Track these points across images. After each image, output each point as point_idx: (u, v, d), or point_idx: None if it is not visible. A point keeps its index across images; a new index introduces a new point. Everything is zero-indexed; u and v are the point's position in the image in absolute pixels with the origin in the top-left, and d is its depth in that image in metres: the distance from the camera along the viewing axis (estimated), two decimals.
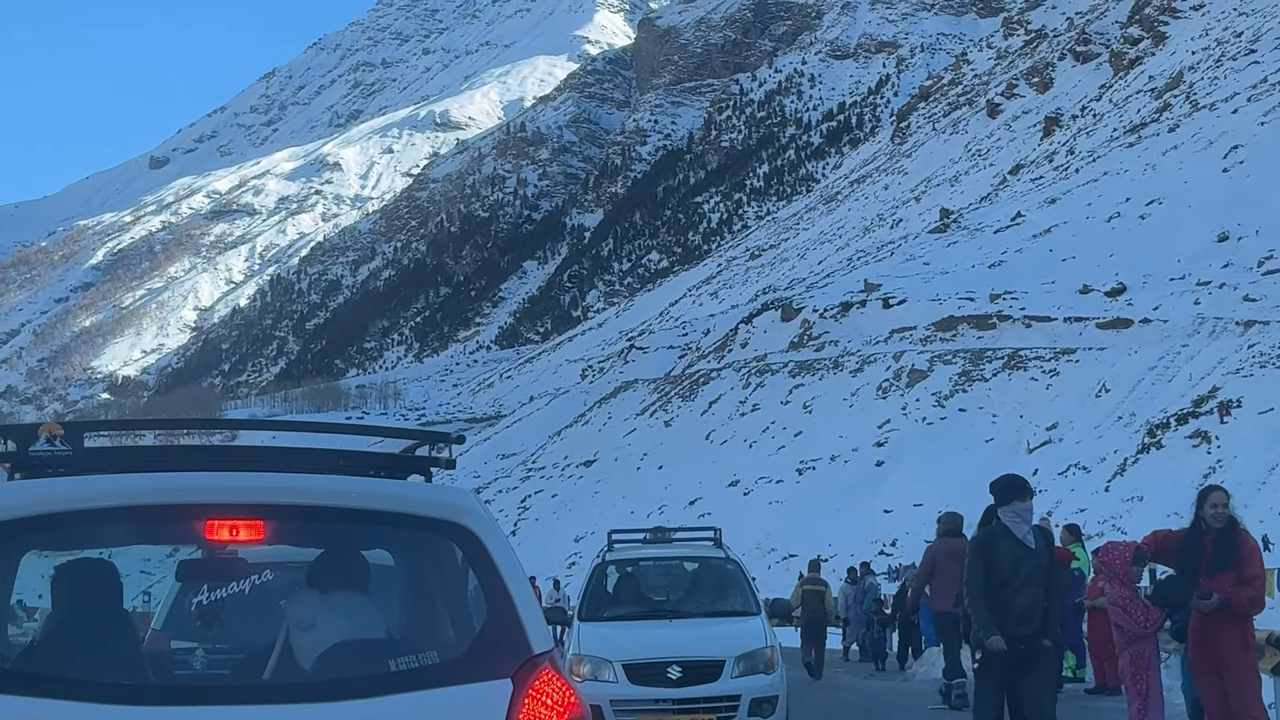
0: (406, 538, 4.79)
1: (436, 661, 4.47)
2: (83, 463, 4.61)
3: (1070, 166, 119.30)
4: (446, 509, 4.63)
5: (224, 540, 4.63)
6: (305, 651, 4.53)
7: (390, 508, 4.62)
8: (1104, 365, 69.49)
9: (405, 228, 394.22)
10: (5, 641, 4.44)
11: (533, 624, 4.51)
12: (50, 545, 4.65)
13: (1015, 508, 9.89)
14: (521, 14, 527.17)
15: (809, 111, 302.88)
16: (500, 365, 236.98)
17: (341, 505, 4.57)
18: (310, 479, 4.65)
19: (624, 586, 14.12)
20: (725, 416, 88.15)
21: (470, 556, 4.59)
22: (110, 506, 4.41)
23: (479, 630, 4.54)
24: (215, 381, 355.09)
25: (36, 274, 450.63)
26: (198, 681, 4.86)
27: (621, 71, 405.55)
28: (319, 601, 4.65)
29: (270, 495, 4.54)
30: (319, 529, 4.71)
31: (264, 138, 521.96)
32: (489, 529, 4.63)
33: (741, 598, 13.61)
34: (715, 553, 14.30)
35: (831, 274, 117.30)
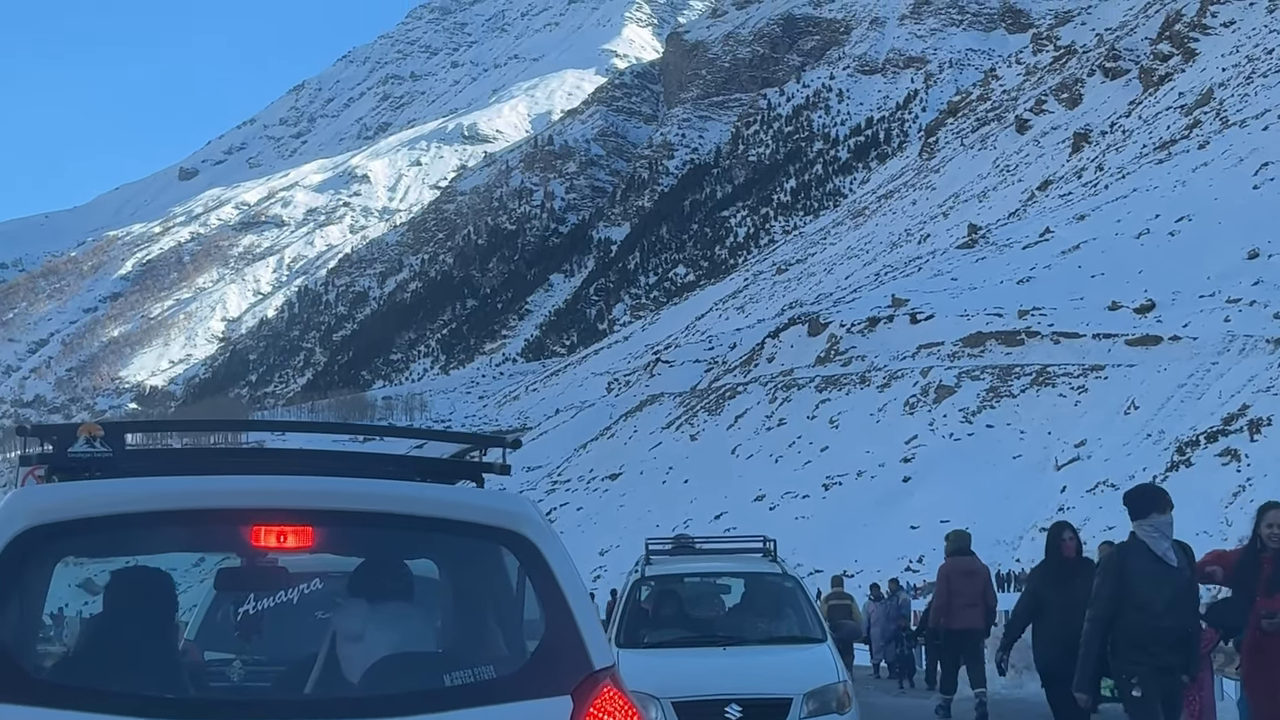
0: (460, 546, 4.60)
1: (493, 677, 4.27)
2: (123, 465, 4.44)
3: (1099, 183, 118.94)
4: (505, 516, 4.44)
5: (271, 547, 4.43)
6: (352, 665, 4.33)
7: (448, 514, 4.43)
8: (1133, 382, 69.18)
9: (432, 240, 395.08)
10: (38, 651, 4.28)
11: (593, 638, 4.31)
12: (86, 552, 4.47)
13: (1154, 521, 8.86)
14: (550, 28, 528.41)
15: (837, 126, 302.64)
16: (526, 378, 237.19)
17: (397, 511, 4.38)
18: (364, 483, 4.46)
19: (665, 607, 12.38)
20: (751, 431, 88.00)
21: (528, 566, 4.40)
22: (152, 510, 4.23)
23: (537, 645, 4.35)
24: (242, 392, 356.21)
25: (66, 284, 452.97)
26: (237, 695, 4.65)
27: (649, 85, 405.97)
28: (367, 612, 4.44)
29: (322, 500, 4.34)
30: (371, 536, 4.51)
31: (293, 150, 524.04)
32: (547, 538, 4.43)
33: (803, 621, 11.98)
34: (770, 567, 12.58)
35: (859, 289, 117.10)
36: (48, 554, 4.24)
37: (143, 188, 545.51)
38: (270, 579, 4.72)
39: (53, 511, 4.16)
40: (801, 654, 11.35)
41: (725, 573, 13.39)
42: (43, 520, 4.12)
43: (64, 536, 4.20)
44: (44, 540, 4.14)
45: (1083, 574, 10.75)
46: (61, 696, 3.93)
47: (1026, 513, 61.61)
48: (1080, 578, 10.70)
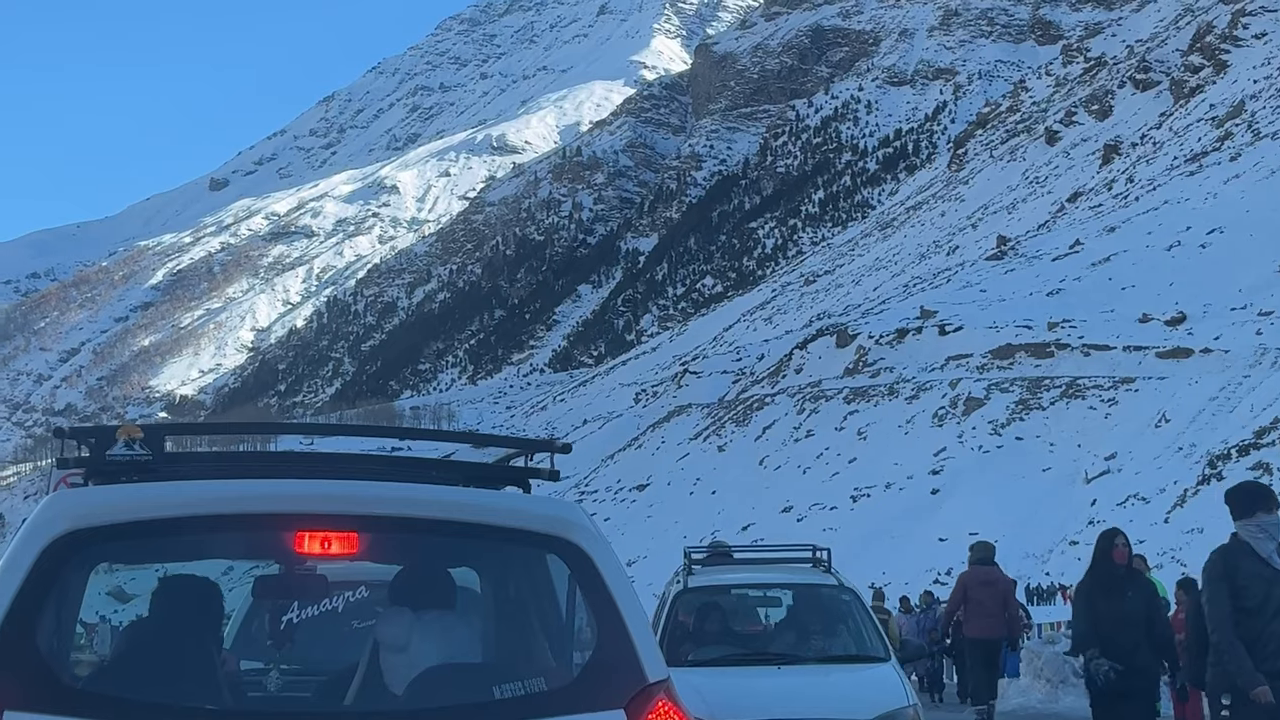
0: (509, 554, 4.48)
1: (544, 689, 4.15)
2: (162, 468, 4.35)
3: (1130, 195, 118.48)
4: (556, 523, 4.30)
5: (315, 553, 4.29)
6: (396, 676, 4.20)
7: (499, 521, 4.30)
8: (1164, 395, 68.79)
9: (461, 250, 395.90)
10: (73, 659, 4.19)
11: (647, 650, 4.17)
12: (124, 558, 4.37)
13: (1261, 521, 8.25)
14: (579, 39, 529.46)
15: (865, 138, 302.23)
16: (554, 388, 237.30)
17: (447, 518, 4.26)
18: (413, 488, 4.34)
19: (710, 621, 11.31)
20: (779, 442, 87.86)
21: (579, 575, 4.26)
22: (194, 515, 4.12)
23: (589, 656, 4.22)
24: (271, 401, 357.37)
25: (97, 293, 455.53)
26: (276, 706, 4.54)
27: (678, 97, 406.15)
28: (411, 621, 4.32)
29: (369, 505, 4.20)
30: (418, 542, 4.37)
31: (322, 160, 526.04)
32: (599, 546, 4.28)
33: (865, 638, 10.93)
34: (824, 578, 11.55)
35: (887, 300, 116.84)
36: (85, 559, 4.13)
37: (174, 198, 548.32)
38: (309, 587, 4.62)
39: (91, 515, 4.04)
40: (865, 674, 10.46)
41: (776, 584, 12.28)
42: (81, 524, 3.99)
43: (102, 541, 4.08)
44: (82, 545, 4.02)
45: (1134, 584, 10.45)
46: (98, 707, 3.81)
47: (1056, 526, 61.31)
48: (1132, 587, 10.45)
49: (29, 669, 3.81)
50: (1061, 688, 16.81)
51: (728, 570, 12.74)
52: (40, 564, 3.90)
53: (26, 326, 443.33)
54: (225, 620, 6.29)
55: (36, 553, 3.92)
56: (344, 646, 4.60)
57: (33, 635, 3.85)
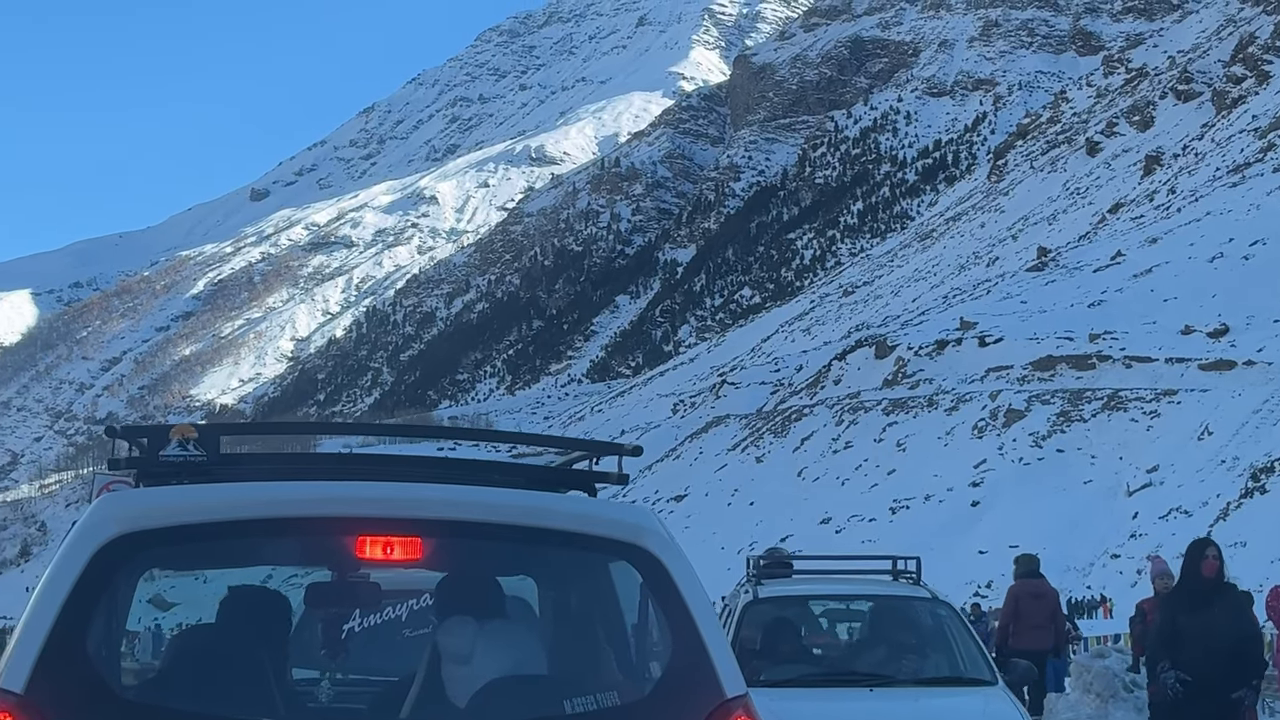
0: (578, 561, 4.28)
1: (617, 704, 3.94)
2: (217, 469, 4.19)
3: (1171, 206, 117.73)
4: (629, 529, 4.09)
5: (377, 559, 4.11)
6: (457, 687, 4.00)
7: (571, 527, 4.10)
8: (1206, 407, 68.23)
9: (499, 261, 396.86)
10: (133, 670, 4.09)
11: (724, 663, 3.94)
12: (176, 563, 4.21)
13: None
14: (618, 51, 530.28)
15: (904, 149, 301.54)
16: (591, 399, 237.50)
17: (517, 523, 4.05)
18: (483, 492, 4.15)
19: (783, 636, 10.17)
20: (818, 453, 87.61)
21: (652, 584, 4.04)
22: (253, 519, 3.95)
23: (663, 670, 4.00)
24: (311, 411, 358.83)
25: (139, 303, 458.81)
26: (330, 718, 4.41)
27: (716, 108, 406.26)
28: (475, 630, 4.11)
29: (437, 509, 4.02)
30: (483, 548, 4.17)
31: (362, 171, 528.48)
32: (673, 553, 4.06)
33: (966, 657, 9.70)
34: (915, 590, 10.51)
35: (926, 311, 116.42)
36: (136, 564, 3.97)
37: (215, 208, 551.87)
38: (363, 595, 4.45)
39: (144, 518, 3.86)
40: (971, 701, 9.22)
41: (862, 595, 11.02)
42: (134, 527, 3.83)
43: (155, 546, 3.92)
44: (133, 549, 3.85)
45: (1222, 598, 10.01)
46: (150, 718, 3.69)
47: (1098, 539, 60.87)
48: (1219, 603, 10.01)
49: (79, 679, 3.64)
50: (1112, 702, 16.64)
51: (803, 581, 11.48)
52: (90, 569, 3.73)
53: (69, 335, 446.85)
54: None
55: (87, 558, 3.75)
56: (399, 656, 4.41)
57: (83, 644, 3.68)
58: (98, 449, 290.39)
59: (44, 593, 3.73)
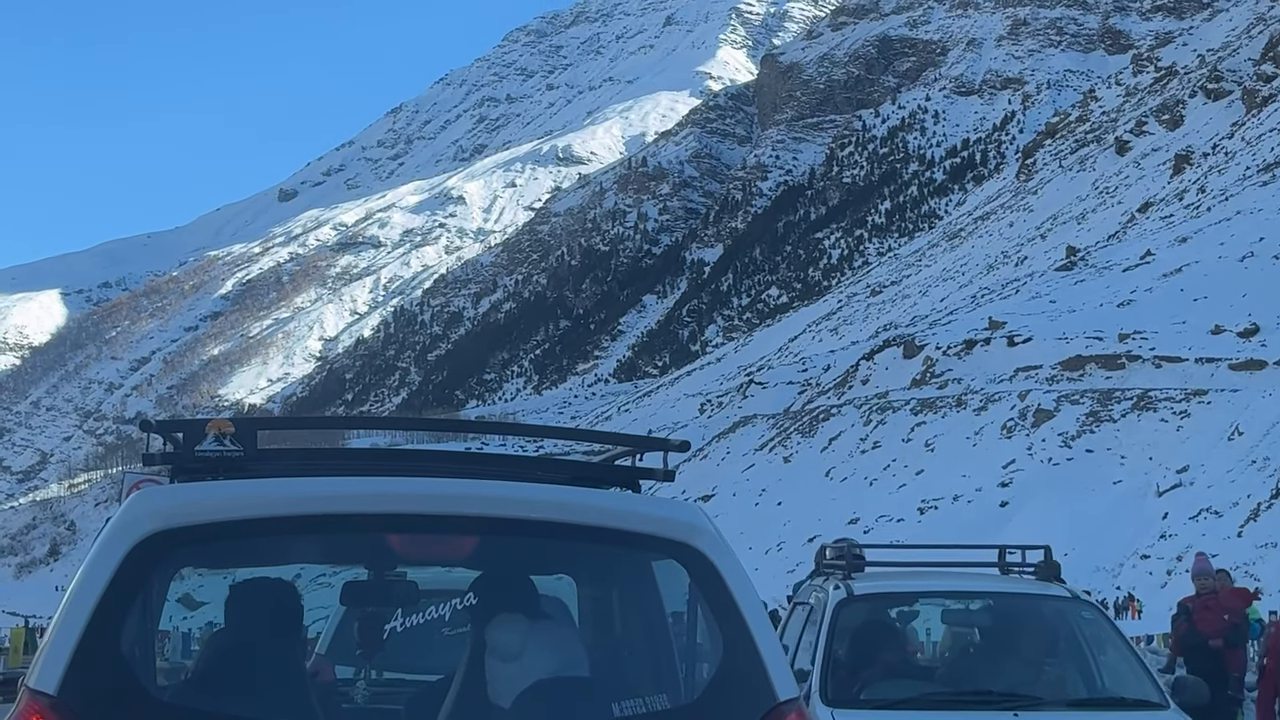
0: (626, 559, 4.14)
1: (667, 707, 3.84)
2: (254, 465, 4.06)
3: (1201, 205, 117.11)
4: (679, 527, 3.95)
5: (419, 556, 4.08)
6: (500, 689, 3.87)
7: (620, 525, 3.96)
8: (1237, 407, 67.81)
9: (526, 261, 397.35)
10: (163, 670, 4.00)
11: (776, 665, 3.81)
12: (213, 560, 4.08)
13: None
14: (645, 50, 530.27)
15: (932, 148, 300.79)
16: (618, 399, 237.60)
17: (565, 520, 3.91)
18: (532, 489, 3.99)
19: (888, 645, 8.25)
20: (845, 454, 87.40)
21: (701, 584, 3.90)
22: (292, 515, 3.81)
23: (714, 671, 3.86)
24: (338, 410, 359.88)
25: (168, 303, 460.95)
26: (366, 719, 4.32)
27: (743, 107, 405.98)
28: (518, 629, 3.99)
29: (483, 506, 3.86)
30: (531, 547, 4.04)
31: (390, 171, 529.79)
32: (723, 552, 3.93)
33: (1127, 673, 7.83)
34: (1048, 588, 8.33)
35: (954, 311, 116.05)
36: (172, 562, 3.85)
37: (243, 208, 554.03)
38: (400, 594, 4.37)
39: (180, 514, 3.74)
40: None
41: (984, 593, 8.73)
42: (169, 524, 3.70)
43: (191, 543, 3.79)
44: (169, 547, 3.73)
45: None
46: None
47: (1127, 540, 60.56)
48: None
49: (113, 680, 3.54)
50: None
51: (907, 576, 9.45)
52: (125, 568, 3.62)
53: (98, 335, 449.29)
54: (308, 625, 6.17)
55: (122, 555, 3.63)
56: (436, 656, 4.36)
57: (117, 644, 3.57)
58: (126, 448, 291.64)
59: (77, 592, 3.62)
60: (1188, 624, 13.77)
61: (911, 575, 9.47)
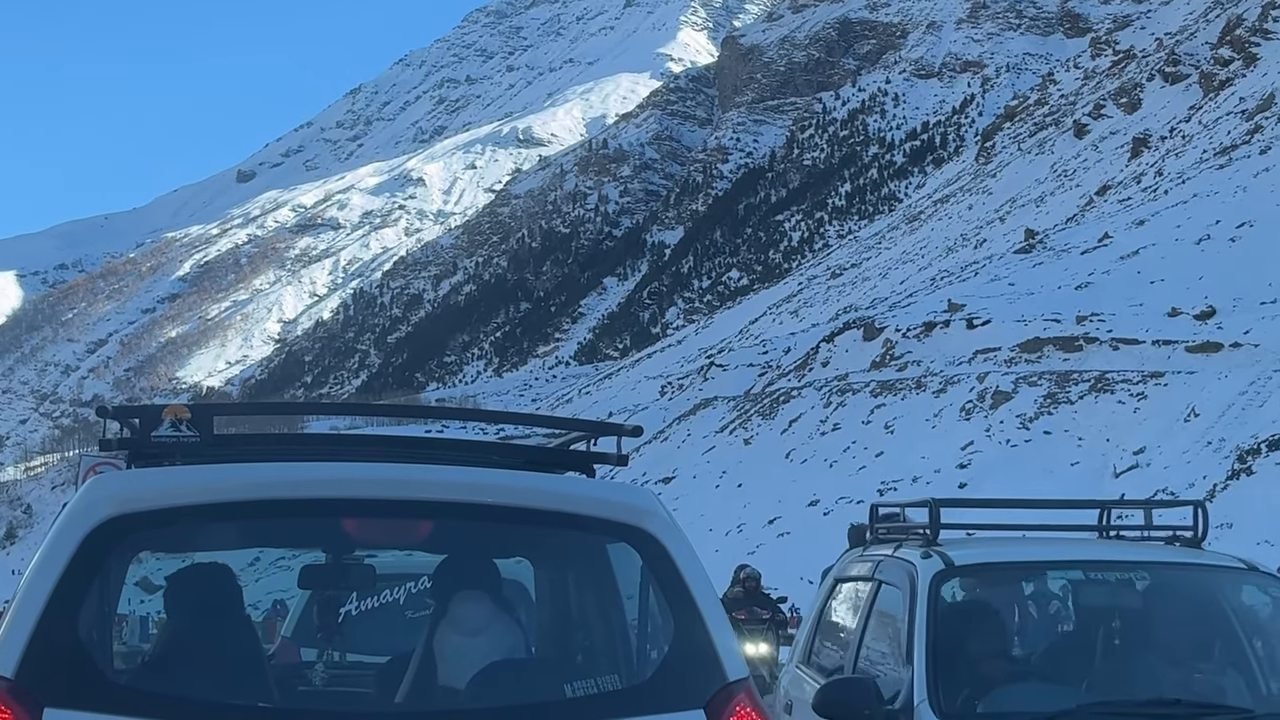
0: (578, 543, 4.21)
1: (619, 687, 3.94)
2: (210, 450, 4.11)
3: (1159, 188, 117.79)
4: (631, 511, 4.05)
5: (376, 540, 4.16)
6: (453, 672, 3.95)
7: (573, 509, 4.04)
8: (1193, 389, 68.35)
9: (487, 243, 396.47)
10: (120, 654, 4.03)
11: (725, 647, 3.88)
12: (169, 545, 4.11)
13: None
14: (605, 32, 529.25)
15: (892, 130, 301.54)
16: (579, 381, 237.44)
17: (519, 505, 3.97)
18: (485, 474, 4.08)
19: (1003, 635, 6.37)
20: (805, 435, 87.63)
21: (653, 566, 3.98)
22: (247, 500, 3.85)
23: (665, 653, 3.93)
24: (298, 393, 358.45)
25: (125, 285, 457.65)
26: (325, 704, 4.34)
27: (704, 89, 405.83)
28: (473, 613, 4.08)
29: (438, 491, 3.92)
30: (484, 531, 4.09)
31: (349, 153, 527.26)
32: (675, 535, 4.04)
33: None
34: (1216, 558, 6.67)
35: (914, 294, 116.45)
36: (129, 546, 3.87)
37: (201, 190, 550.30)
38: (357, 578, 4.44)
39: (137, 500, 3.77)
40: None
41: (1132, 564, 6.57)
42: (126, 509, 3.73)
43: (148, 527, 3.82)
44: (126, 531, 3.74)
45: None
46: (142, 704, 3.59)
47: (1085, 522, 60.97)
48: None
49: (70, 664, 3.56)
50: None
51: (1008, 543, 7.27)
52: (82, 552, 3.63)
53: (54, 317, 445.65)
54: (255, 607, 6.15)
55: (78, 540, 3.65)
56: (395, 640, 4.39)
57: (74, 628, 3.59)
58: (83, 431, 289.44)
59: (34, 576, 3.63)
60: None
61: (1002, 543, 7.48)
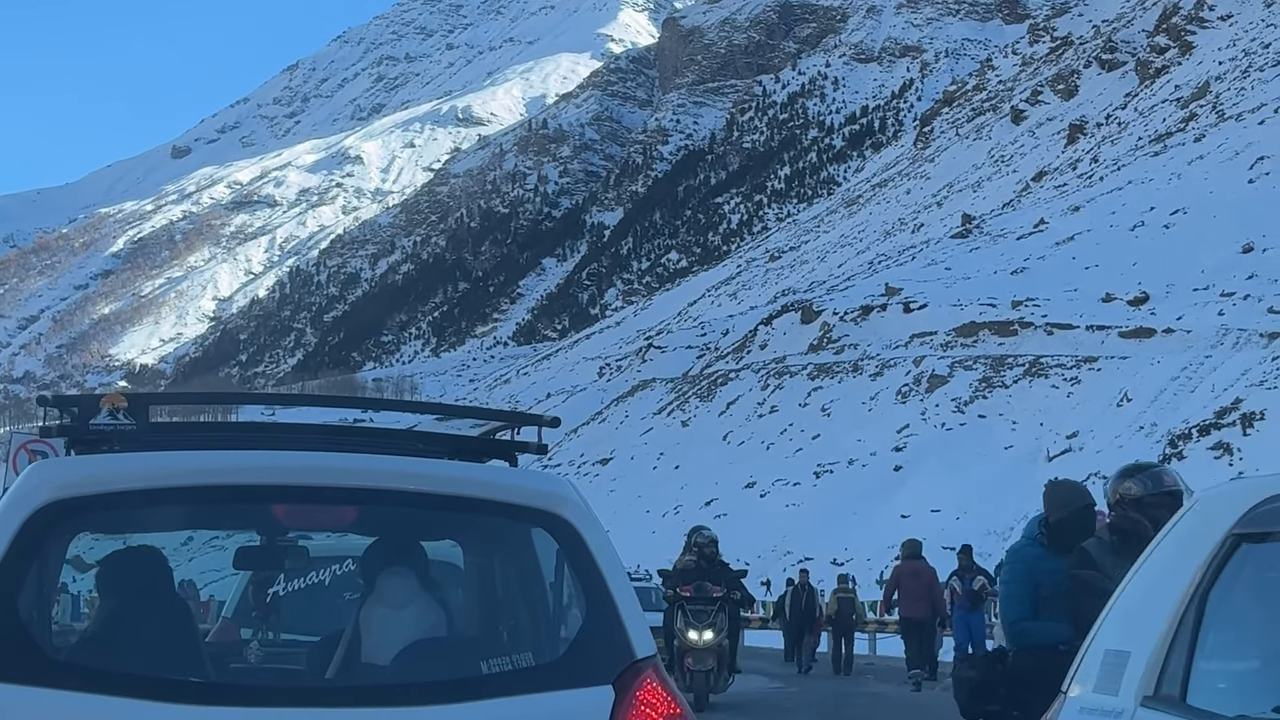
0: (496, 528, 4.42)
1: (532, 665, 4.16)
2: (146, 438, 4.25)
3: (1094, 174, 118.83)
4: (545, 498, 4.21)
5: (301, 525, 4.35)
6: (378, 650, 4.17)
7: (488, 495, 4.22)
8: (1126, 374, 69.08)
9: (425, 222, 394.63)
10: (54, 632, 4.19)
11: (635, 626, 4.09)
12: (105, 527, 4.28)
13: None
14: (545, 11, 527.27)
15: (832, 114, 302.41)
16: (517, 362, 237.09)
17: (436, 491, 4.17)
18: (403, 461, 4.28)
19: None
20: (743, 418, 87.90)
21: (567, 550, 4.18)
22: (178, 486, 4.04)
23: (576, 632, 4.16)
24: (232, 372, 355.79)
25: (57, 260, 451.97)
26: (256, 680, 4.54)
27: (645, 70, 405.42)
28: (396, 594, 4.29)
29: (358, 478, 4.13)
30: (406, 516, 4.30)
31: (286, 129, 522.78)
32: (588, 521, 4.21)
33: None
34: None
35: (852, 277, 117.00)
36: (67, 529, 4.04)
37: (135, 165, 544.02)
38: (291, 559, 4.68)
39: (75, 485, 3.96)
40: None
41: None
42: (64, 494, 3.91)
43: (84, 511, 4.00)
44: (64, 515, 3.93)
45: None
46: (78, 678, 3.75)
47: (1018, 504, 61.35)
48: None
49: (10, 641, 3.73)
50: None
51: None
52: (22, 535, 3.81)
53: None
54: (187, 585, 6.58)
55: (18, 524, 3.83)
56: (328, 619, 4.56)
57: (14, 608, 3.77)
58: (14, 409, 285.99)
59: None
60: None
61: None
